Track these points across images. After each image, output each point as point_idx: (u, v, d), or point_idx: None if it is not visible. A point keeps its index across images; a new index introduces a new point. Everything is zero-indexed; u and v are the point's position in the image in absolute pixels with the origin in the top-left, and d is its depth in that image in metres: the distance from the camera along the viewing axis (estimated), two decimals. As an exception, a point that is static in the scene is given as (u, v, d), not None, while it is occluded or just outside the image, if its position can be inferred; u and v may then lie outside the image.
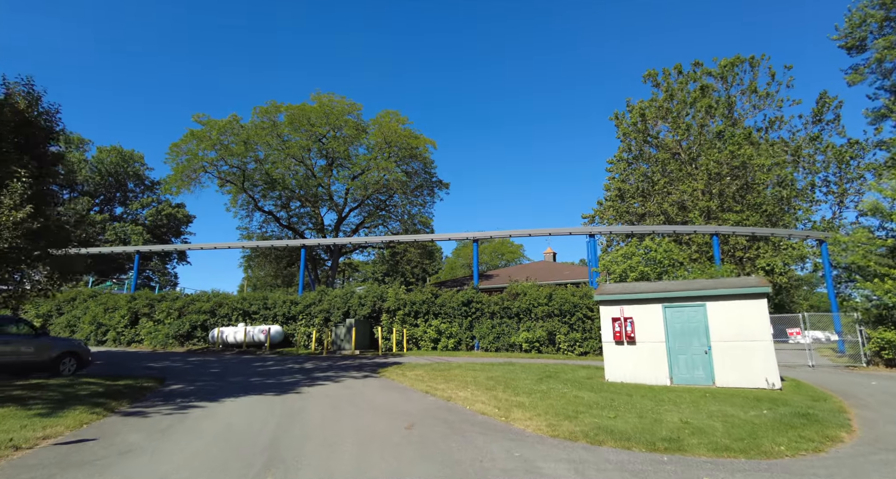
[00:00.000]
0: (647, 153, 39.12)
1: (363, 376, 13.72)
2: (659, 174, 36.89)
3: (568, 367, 15.76)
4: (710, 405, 8.87)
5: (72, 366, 11.83)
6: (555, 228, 25.01)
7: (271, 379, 12.96)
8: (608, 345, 12.89)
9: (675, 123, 36.44)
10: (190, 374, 13.79)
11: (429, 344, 23.02)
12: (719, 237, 24.40)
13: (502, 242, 70.17)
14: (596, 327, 20.89)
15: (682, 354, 11.97)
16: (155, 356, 20.01)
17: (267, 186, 34.10)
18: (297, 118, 31.56)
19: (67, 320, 27.46)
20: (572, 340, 21.26)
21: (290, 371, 14.85)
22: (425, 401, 9.72)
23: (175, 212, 49.81)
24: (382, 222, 38.32)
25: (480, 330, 22.56)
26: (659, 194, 36.00)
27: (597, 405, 8.99)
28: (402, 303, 23.80)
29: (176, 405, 8.59)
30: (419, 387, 11.45)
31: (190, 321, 25.63)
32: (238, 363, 17.23)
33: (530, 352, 21.57)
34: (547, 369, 14.93)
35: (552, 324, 21.62)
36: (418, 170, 35.64)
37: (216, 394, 10.15)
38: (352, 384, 12.04)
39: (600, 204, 42.24)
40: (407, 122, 33.01)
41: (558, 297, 21.86)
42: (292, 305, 25.54)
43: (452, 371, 14.22)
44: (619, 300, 12.86)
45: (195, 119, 30.85)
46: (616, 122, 41.03)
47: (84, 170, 45.86)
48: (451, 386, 11.45)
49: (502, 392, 10.58)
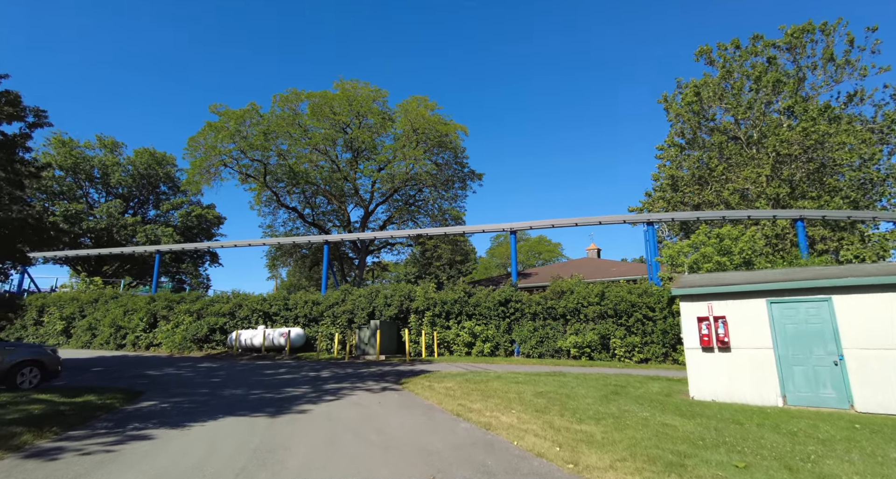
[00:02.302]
0: (701, 138, 35.31)
1: (382, 388, 11.34)
2: (716, 160, 33.07)
3: (633, 379, 12.88)
4: (892, 450, 5.92)
5: (34, 377, 9.94)
6: (606, 216, 21.90)
7: (272, 392, 10.76)
8: (693, 352, 10.00)
9: (734, 102, 32.55)
10: (181, 385, 11.78)
11: (462, 349, 20.50)
12: (803, 224, 20.70)
13: (539, 240, 66.87)
14: (658, 330, 17.84)
15: (798, 364, 8.95)
16: (164, 362, 18.34)
17: (290, 182, 32.45)
18: (320, 107, 29.69)
19: (89, 323, 26.51)
20: (630, 345, 18.25)
21: (299, 381, 12.66)
22: (456, 430, 7.20)
23: (205, 213, 49.27)
24: (411, 218, 36.05)
25: (520, 333, 19.85)
26: (717, 182, 32.20)
27: (702, 442, 6.23)
28: (432, 303, 21.39)
29: (119, 436, 6.41)
30: (449, 406, 8.94)
31: (208, 324, 24.07)
32: (247, 371, 15.23)
33: (580, 359, 18.69)
34: (607, 382, 12.13)
35: (605, 326, 18.68)
36: (448, 160, 33.15)
37: (190, 415, 7.97)
38: (365, 401, 9.66)
39: (649, 195, 38.57)
40: (436, 107, 30.65)
41: (612, 295, 18.90)
42: (314, 305, 23.57)
43: (490, 384, 11.64)
44: (706, 295, 9.96)
45: (212, 110, 29.60)
46: (665, 104, 37.39)
47: (117, 173, 45.89)
48: (491, 406, 8.89)
49: (559, 417, 7.93)
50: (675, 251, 17.39)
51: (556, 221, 22.19)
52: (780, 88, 30.23)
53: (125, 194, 47.85)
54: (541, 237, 68.05)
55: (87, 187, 46.74)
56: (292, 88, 30.73)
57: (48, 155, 43.49)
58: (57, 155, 43.50)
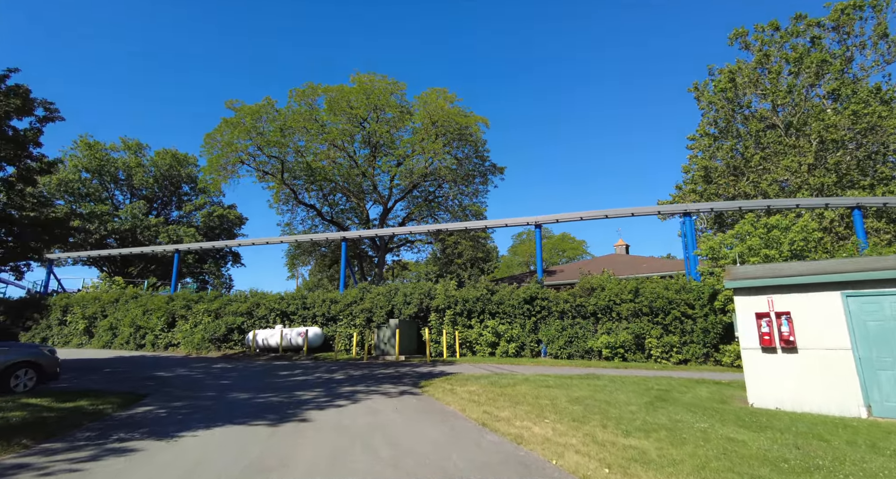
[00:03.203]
0: (735, 127, 33.37)
1: (399, 392, 10.40)
2: (752, 149, 31.15)
3: (675, 382, 11.63)
4: None
5: (29, 380, 9.31)
6: (638, 207, 20.45)
7: (282, 395, 9.94)
8: (750, 353, 8.75)
9: (772, 87, 30.59)
10: (188, 388, 11.09)
11: (485, 349, 19.45)
12: (861, 213, 18.89)
13: (562, 237, 65.20)
14: (698, 329, 16.46)
15: (885, 369, 7.63)
16: (179, 363, 17.85)
17: (308, 179, 31.89)
18: (336, 101, 29.00)
19: (110, 323, 26.42)
20: (667, 345, 16.90)
21: (312, 384, 11.84)
22: (482, 444, 6.20)
23: (227, 213, 49.38)
24: (430, 214, 35.08)
25: (547, 333, 18.68)
26: (754, 172, 30.31)
27: (786, 464, 5.07)
28: (453, 301, 20.40)
29: (96, 450, 5.63)
30: (473, 414, 7.93)
31: (226, 324, 23.62)
32: (260, 372, 14.53)
33: (612, 360, 17.43)
34: (648, 386, 10.93)
35: (640, 325, 17.37)
36: (469, 154, 32.08)
37: (185, 423, 7.18)
38: (380, 406, 8.74)
39: (679, 189, 36.78)
40: (455, 99, 29.65)
41: (647, 291, 17.57)
42: (332, 304, 22.86)
43: (518, 387, 10.59)
44: (766, 288, 8.69)
45: (228, 105, 29.20)
46: (696, 93, 35.55)
47: (140, 174, 46.35)
48: (520, 414, 7.85)
49: (601, 428, 6.84)
50: (717, 244, 15.95)
51: (584, 214, 20.84)
52: (825, 70, 28.18)
53: (149, 196, 48.33)
54: (564, 235, 66.40)
55: (112, 189, 47.37)
56: (308, 82, 30.28)
57: (75, 157, 44.22)
58: (83, 157, 44.16)
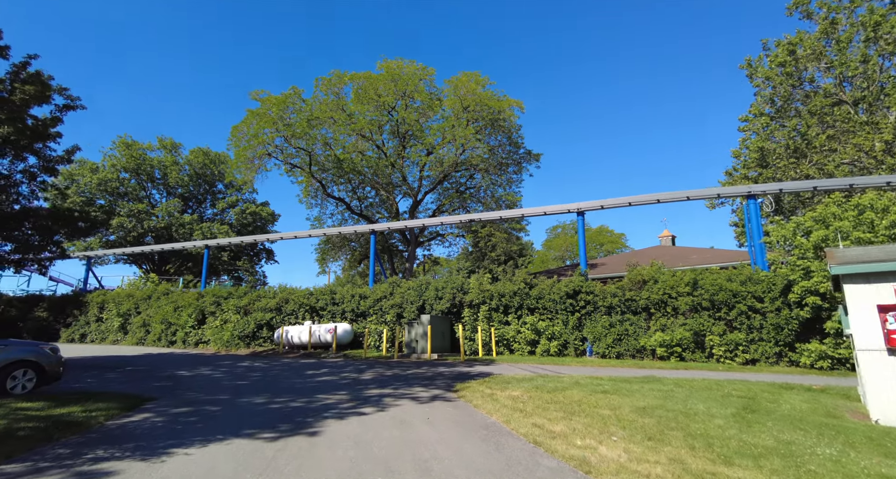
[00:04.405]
0: (793, 106, 30.44)
1: (431, 397, 9.12)
2: (817, 128, 28.26)
3: (755, 387, 9.88)
4: None
5: (28, 381, 8.51)
6: (694, 190, 18.34)
7: (301, 399, 8.84)
8: (870, 355, 6.99)
9: (839, 59, 27.63)
10: (202, 390, 10.16)
11: (523, 347, 17.98)
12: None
13: (599, 230, 62.56)
14: (769, 325, 14.49)
15: None
16: (204, 361, 17.21)
17: (337, 172, 31.07)
18: (364, 90, 27.93)
19: (143, 320, 26.39)
20: (731, 343, 14.98)
21: (337, 386, 10.73)
22: (538, 472, 4.82)
23: (259, 210, 49.57)
24: (462, 205, 33.68)
25: (593, 330, 17.03)
26: (818, 153, 27.47)
27: None
28: (488, 295, 19.00)
29: (58, 475, 4.57)
30: (521, 428, 6.54)
31: (255, 320, 23.05)
32: (285, 372, 13.59)
33: (668, 359, 15.64)
34: (723, 391, 9.25)
35: (699, 321, 15.50)
36: (502, 142, 30.47)
37: (182, 436, 6.12)
38: (410, 415, 7.47)
39: (730, 175, 34.06)
40: (488, 82, 28.09)
41: (707, 283, 15.67)
42: (361, 299, 21.89)
43: (569, 393, 9.12)
44: (891, 273, 6.91)
45: (253, 96, 28.58)
46: (749, 70, 32.72)
47: (175, 172, 46.98)
48: (579, 428, 6.41)
49: (689, 450, 5.34)
50: (790, 230, 13.88)
51: (633, 199, 18.85)
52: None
53: (183, 194, 49.01)
54: (601, 228, 63.73)
55: (149, 188, 48.25)
56: (335, 70, 29.34)
57: (114, 157, 45.21)
58: (122, 156, 45.08)
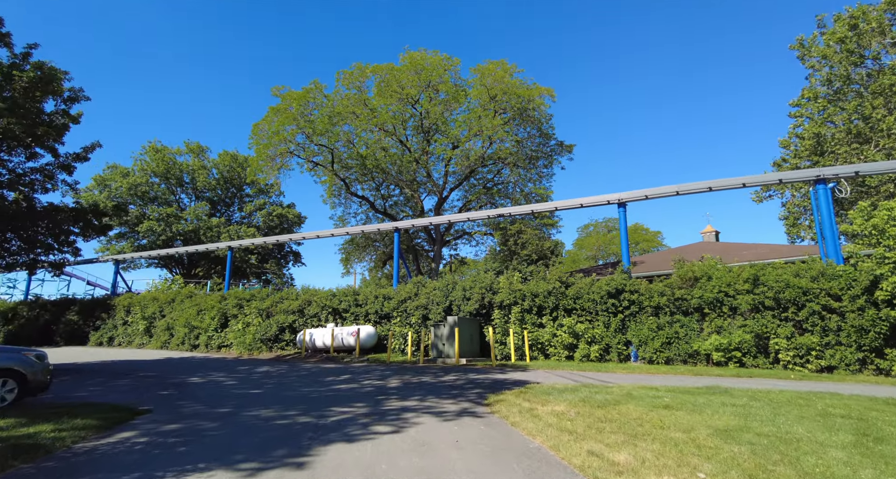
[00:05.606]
0: (852, 88, 27.80)
1: (460, 411, 7.83)
2: (883, 110, 25.65)
3: (854, 402, 8.18)
4: None
5: (7, 393, 7.59)
6: (750, 177, 16.35)
7: (312, 414, 7.70)
8: None
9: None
10: (205, 400, 9.18)
11: (560, 352, 16.49)
12: None
13: (634, 228, 59.95)
14: (849, 327, 12.65)
15: None
16: (222, 366, 16.45)
17: (360, 170, 30.19)
18: (387, 83, 26.92)
19: (167, 323, 26.09)
20: (801, 347, 13.13)
21: (355, 396, 9.57)
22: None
23: (286, 212, 49.46)
24: (489, 202, 32.30)
25: (639, 333, 15.39)
26: (886, 137, 24.89)
27: None
28: (520, 296, 17.59)
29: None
30: (574, 457, 5.16)
31: (277, 323, 22.31)
32: (303, 378, 12.59)
33: (725, 365, 13.88)
34: (817, 408, 7.61)
35: (762, 322, 13.69)
36: (532, 133, 28.96)
37: (154, 464, 5.04)
38: (434, 436, 6.20)
39: (778, 166, 31.51)
40: (516, 70, 26.63)
41: (770, 280, 13.85)
42: (385, 300, 20.82)
43: (624, 407, 7.67)
44: None
45: (274, 92, 27.98)
46: (801, 50, 30.21)
47: (202, 176, 47.31)
48: (649, 456, 5.00)
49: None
50: (883, 218, 11.92)
51: (681, 187, 16.96)
52: None
53: (211, 197, 49.36)
54: (636, 225, 61.16)
55: (178, 192, 48.78)
56: (356, 63, 28.35)
57: (144, 162, 45.87)
58: (152, 161, 45.68)
